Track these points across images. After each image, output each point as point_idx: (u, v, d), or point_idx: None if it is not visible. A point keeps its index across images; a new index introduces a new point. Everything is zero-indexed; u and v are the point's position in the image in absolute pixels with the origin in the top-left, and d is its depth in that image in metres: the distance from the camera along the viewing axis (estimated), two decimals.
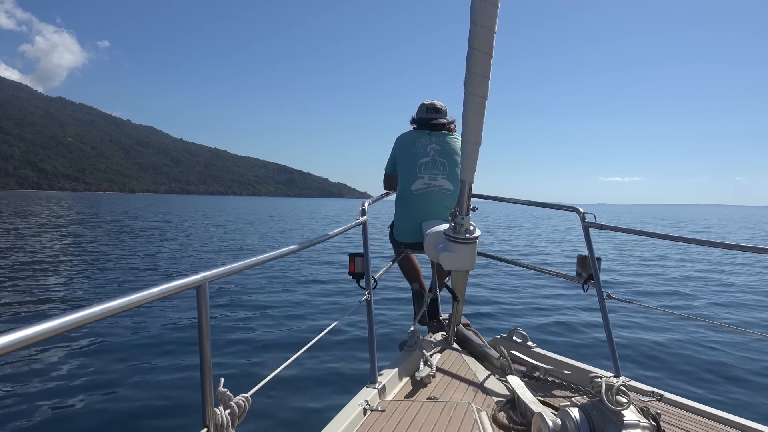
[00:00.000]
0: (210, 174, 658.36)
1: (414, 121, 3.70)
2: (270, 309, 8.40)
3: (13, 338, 0.79)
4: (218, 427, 1.32)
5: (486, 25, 1.84)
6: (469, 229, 2.42)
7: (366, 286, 2.76)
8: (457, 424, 2.15)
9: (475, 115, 2.05)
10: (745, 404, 4.85)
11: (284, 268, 12.77)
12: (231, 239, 22.41)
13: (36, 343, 0.83)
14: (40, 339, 0.83)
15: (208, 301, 1.33)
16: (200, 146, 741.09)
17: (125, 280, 11.10)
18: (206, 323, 1.31)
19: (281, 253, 1.84)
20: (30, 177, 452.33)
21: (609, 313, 2.85)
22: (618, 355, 2.77)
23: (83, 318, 0.93)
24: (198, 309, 1.31)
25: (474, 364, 3.10)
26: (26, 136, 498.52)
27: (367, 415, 2.23)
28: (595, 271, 2.92)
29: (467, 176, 2.24)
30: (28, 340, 0.81)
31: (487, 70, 1.93)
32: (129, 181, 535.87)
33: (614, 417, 1.74)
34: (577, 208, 3.11)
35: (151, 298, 1.13)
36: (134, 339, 6.45)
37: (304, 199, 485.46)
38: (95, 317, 0.96)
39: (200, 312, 1.31)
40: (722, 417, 2.37)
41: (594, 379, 1.84)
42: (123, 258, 14.71)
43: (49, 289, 9.78)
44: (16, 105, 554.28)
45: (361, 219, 2.88)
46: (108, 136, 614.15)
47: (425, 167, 3.49)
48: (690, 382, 5.43)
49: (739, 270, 15.07)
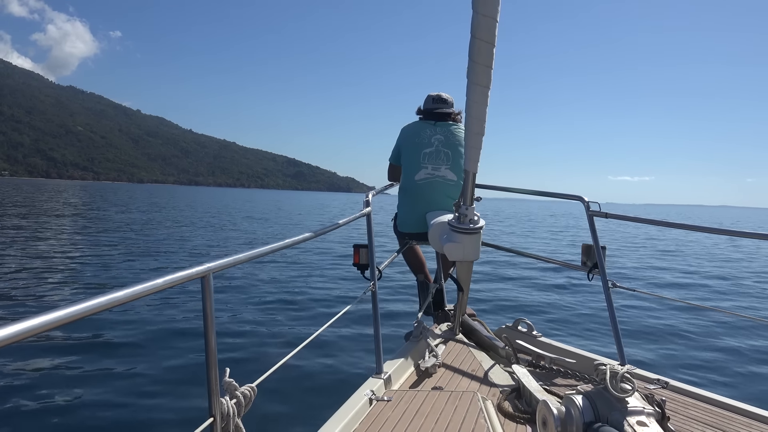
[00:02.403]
0: (218, 166, 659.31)
1: (420, 112, 3.69)
2: (275, 300, 8.44)
3: (19, 328, 0.79)
4: (224, 417, 1.33)
5: (488, 14, 1.82)
6: (474, 219, 2.41)
7: (371, 277, 2.77)
8: (462, 413, 2.16)
9: (478, 105, 2.04)
10: (751, 391, 4.84)
11: (289, 259, 12.82)
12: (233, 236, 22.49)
13: (41, 334, 0.83)
14: (45, 329, 0.83)
15: (213, 291, 1.34)
16: (209, 138, 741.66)
17: (129, 271, 11.13)
18: (211, 314, 1.32)
19: (285, 244, 1.84)
20: (39, 165, 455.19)
21: (614, 302, 2.85)
22: (623, 343, 2.77)
23: (88, 309, 0.94)
24: (203, 299, 1.32)
25: (479, 354, 3.11)
26: (36, 125, 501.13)
27: (373, 404, 2.25)
28: (599, 260, 2.91)
29: (471, 166, 2.23)
30: (34, 330, 0.81)
31: (489, 60, 1.91)
32: (137, 171, 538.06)
33: (619, 404, 1.73)
34: (582, 196, 3.10)
35: (155, 289, 1.13)
36: (139, 330, 6.46)
37: (311, 192, 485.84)
38: (100, 308, 0.97)
39: (205, 303, 1.32)
40: (728, 404, 2.37)
41: (599, 367, 1.84)
42: (128, 248, 14.78)
43: (53, 280, 9.82)
44: (27, 93, 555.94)
45: (365, 210, 2.88)
46: (118, 125, 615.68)
47: (429, 157, 3.47)
48: (695, 369, 5.43)
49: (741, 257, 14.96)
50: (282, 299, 8.50)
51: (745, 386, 4.98)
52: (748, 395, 4.60)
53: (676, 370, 5.28)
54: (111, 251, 13.68)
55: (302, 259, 13.15)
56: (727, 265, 14.27)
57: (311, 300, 8.56)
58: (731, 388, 4.87)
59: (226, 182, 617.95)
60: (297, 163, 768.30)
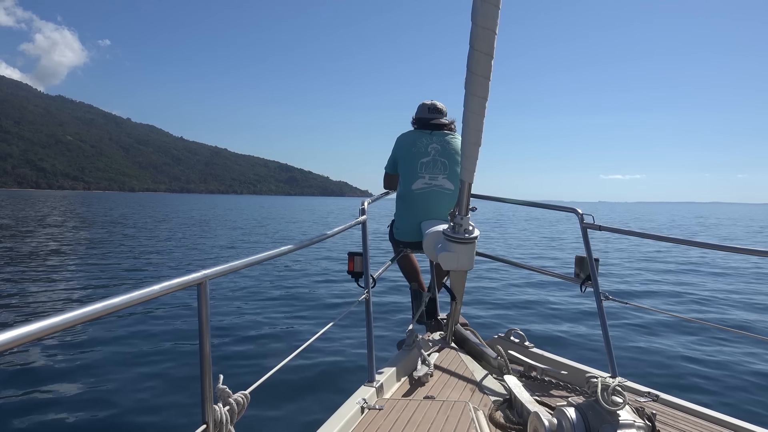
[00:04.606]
0: (210, 172, 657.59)
1: (415, 122, 3.72)
2: (269, 307, 8.42)
3: (14, 335, 0.79)
4: (217, 424, 1.33)
5: (487, 26, 1.85)
6: (468, 229, 2.43)
7: (365, 285, 2.78)
8: (454, 423, 2.16)
9: (475, 116, 2.06)
10: (741, 405, 4.86)
11: (284, 267, 12.80)
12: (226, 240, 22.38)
13: (36, 340, 0.83)
14: (40, 336, 0.84)
15: (209, 298, 1.34)
16: (201, 144, 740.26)
17: (126, 279, 11.11)
18: (206, 321, 1.32)
19: (281, 252, 1.85)
20: (29, 176, 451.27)
21: (606, 314, 2.87)
22: (615, 355, 2.78)
23: (84, 315, 0.94)
24: (198, 306, 1.32)
25: (471, 364, 3.12)
26: (25, 135, 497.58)
27: (365, 413, 2.24)
28: (592, 272, 2.93)
29: (467, 176, 2.25)
30: (29, 336, 0.82)
31: (488, 71, 1.94)
32: (129, 179, 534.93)
33: (609, 417, 1.75)
34: (576, 209, 3.13)
35: (152, 296, 1.14)
36: (135, 336, 6.46)
37: (304, 197, 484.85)
38: (96, 314, 0.97)
39: (200, 309, 1.32)
40: (717, 418, 2.38)
41: (590, 379, 1.85)
42: (124, 256, 14.72)
43: (48, 287, 9.78)
44: (15, 103, 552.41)
45: (361, 218, 2.89)
46: (108, 134, 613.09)
47: (426, 167, 3.50)
48: (687, 383, 5.44)
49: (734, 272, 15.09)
50: (276, 306, 8.49)
51: (735, 401, 5.00)
52: (738, 410, 4.62)
53: (667, 383, 5.30)
54: (105, 260, 13.59)
55: (297, 266, 13.13)
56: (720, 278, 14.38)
57: (306, 307, 8.54)
58: (722, 402, 4.89)
59: (219, 189, 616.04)
60: (289, 168, 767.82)
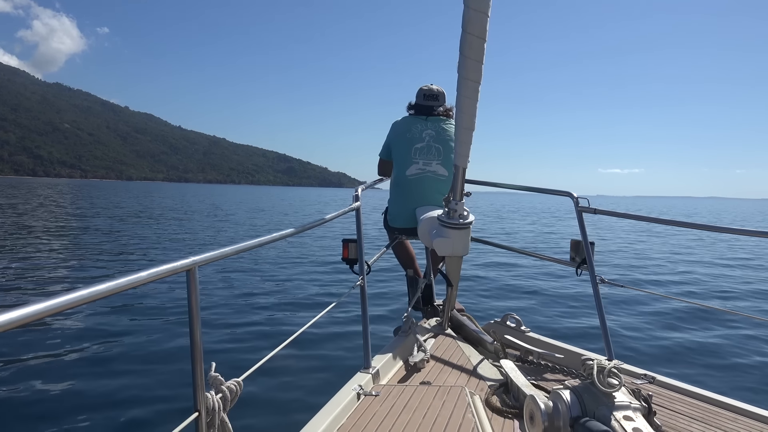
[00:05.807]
0: (208, 162, 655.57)
1: (411, 107, 3.69)
2: (262, 294, 8.38)
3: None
4: (209, 411, 1.32)
5: (479, 9, 1.82)
6: (463, 214, 2.42)
7: (359, 272, 2.77)
8: (450, 408, 2.17)
9: (468, 100, 2.04)
10: (737, 386, 4.90)
11: (276, 253, 12.75)
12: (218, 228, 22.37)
13: (21, 327, 0.82)
14: (26, 322, 0.82)
15: (198, 285, 1.33)
16: (199, 134, 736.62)
17: (114, 266, 11.02)
18: (196, 308, 1.31)
19: (273, 238, 1.83)
20: (26, 163, 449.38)
21: (602, 297, 2.87)
22: (611, 338, 2.80)
23: (70, 301, 0.92)
24: (188, 293, 1.31)
25: (468, 349, 3.13)
26: (22, 122, 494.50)
27: (361, 399, 2.25)
28: (588, 256, 2.93)
29: (461, 161, 2.23)
30: (14, 323, 0.80)
31: (480, 55, 1.91)
32: (126, 168, 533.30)
33: (605, 399, 1.75)
34: (571, 192, 3.12)
35: (139, 282, 1.12)
36: (123, 323, 6.40)
37: (302, 188, 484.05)
38: (83, 300, 0.96)
39: (190, 296, 1.31)
40: (714, 399, 2.40)
41: (586, 362, 1.86)
42: (112, 244, 14.61)
43: (36, 273, 9.69)
44: (12, 90, 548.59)
45: (355, 204, 2.88)
46: (105, 122, 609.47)
47: (420, 152, 3.48)
48: (683, 364, 5.48)
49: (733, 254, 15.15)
50: (269, 293, 8.45)
51: (731, 381, 5.04)
52: (734, 390, 4.66)
53: (663, 365, 5.34)
54: (94, 247, 13.54)
55: (290, 253, 13.09)
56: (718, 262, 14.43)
57: (299, 294, 8.51)
58: (718, 382, 4.93)
59: (216, 179, 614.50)
60: (288, 158, 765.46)
